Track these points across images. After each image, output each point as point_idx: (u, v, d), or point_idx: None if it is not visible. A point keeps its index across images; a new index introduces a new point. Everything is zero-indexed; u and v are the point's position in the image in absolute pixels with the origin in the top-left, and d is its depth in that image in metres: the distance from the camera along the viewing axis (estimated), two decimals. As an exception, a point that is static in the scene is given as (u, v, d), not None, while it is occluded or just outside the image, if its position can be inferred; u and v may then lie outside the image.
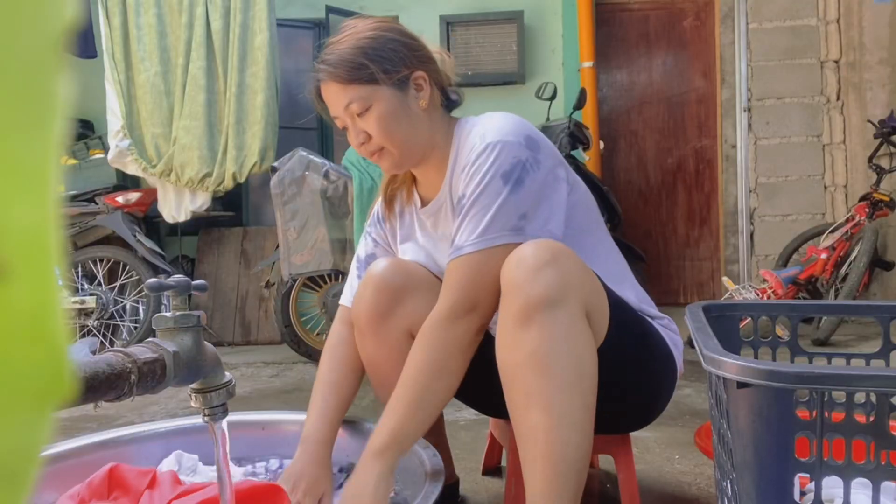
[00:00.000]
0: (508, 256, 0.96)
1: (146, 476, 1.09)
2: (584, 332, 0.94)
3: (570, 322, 0.92)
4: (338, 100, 1.09)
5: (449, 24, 4.31)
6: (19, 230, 0.16)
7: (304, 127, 4.33)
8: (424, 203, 1.22)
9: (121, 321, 3.66)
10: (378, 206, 1.33)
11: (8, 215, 0.16)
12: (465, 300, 1.02)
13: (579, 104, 3.34)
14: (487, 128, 1.08)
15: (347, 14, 4.21)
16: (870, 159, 3.66)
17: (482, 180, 1.03)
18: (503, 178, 1.02)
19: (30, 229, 0.16)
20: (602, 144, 4.02)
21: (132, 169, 3.76)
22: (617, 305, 1.04)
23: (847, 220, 3.59)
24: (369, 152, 1.12)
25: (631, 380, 1.09)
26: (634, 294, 1.16)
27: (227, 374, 0.90)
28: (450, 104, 1.19)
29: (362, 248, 1.34)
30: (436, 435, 1.30)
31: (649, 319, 1.14)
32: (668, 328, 1.17)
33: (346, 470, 1.27)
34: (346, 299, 1.29)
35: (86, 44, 3.69)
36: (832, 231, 3.65)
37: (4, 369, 0.16)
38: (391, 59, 1.08)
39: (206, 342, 0.88)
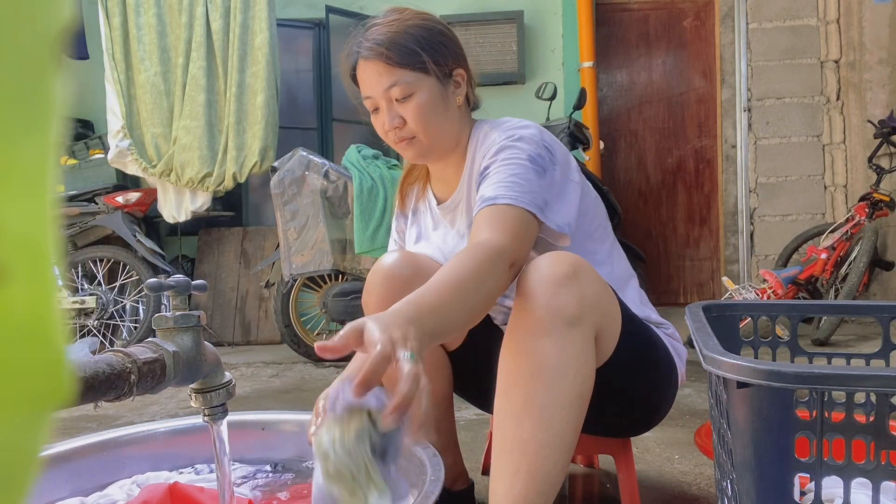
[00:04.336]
0: (526, 266, 0.95)
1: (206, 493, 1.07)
2: (592, 355, 0.94)
3: (583, 343, 0.91)
4: (379, 80, 1.07)
5: (449, 24, 4.30)
6: (17, 232, 0.16)
7: (304, 127, 4.33)
8: (440, 201, 1.23)
9: (121, 321, 3.66)
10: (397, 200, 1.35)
11: (5, 218, 0.16)
12: (513, 250, 0.94)
13: (579, 104, 3.34)
14: (507, 127, 1.10)
15: (347, 14, 4.21)
16: (870, 159, 3.66)
17: (512, 154, 1.04)
18: (530, 161, 1.03)
19: (28, 231, 0.16)
20: (602, 144, 4.02)
21: (132, 169, 3.76)
22: (626, 318, 1.04)
23: (847, 220, 3.59)
24: (399, 138, 1.10)
25: (635, 389, 1.09)
26: (638, 298, 1.16)
27: (227, 374, 0.90)
28: (473, 105, 1.21)
29: (390, 243, 1.37)
30: (445, 438, 1.29)
31: (653, 328, 1.14)
32: (671, 337, 1.17)
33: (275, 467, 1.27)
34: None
35: (77, 45, 3.69)
36: (832, 231, 3.65)
37: (3, 371, 0.16)
38: (442, 52, 1.10)
39: (206, 342, 0.88)
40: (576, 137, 3.27)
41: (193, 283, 0.87)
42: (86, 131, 4.18)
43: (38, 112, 0.16)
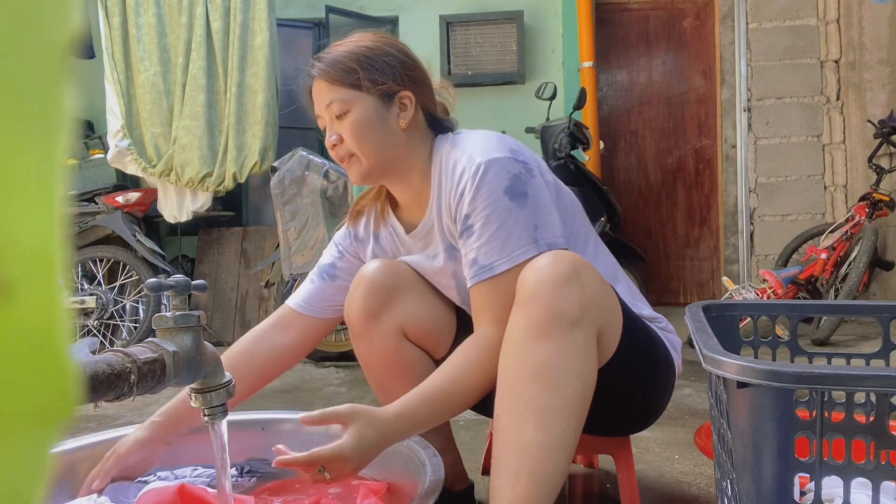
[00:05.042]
0: (526, 266, 0.95)
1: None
2: (594, 354, 0.93)
3: (584, 343, 0.91)
4: (322, 98, 1.10)
5: (449, 24, 4.31)
6: (25, 247, 0.16)
7: (304, 127, 4.33)
8: (409, 227, 1.20)
9: (121, 321, 3.66)
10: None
11: (13, 232, 0.15)
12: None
13: (579, 104, 3.34)
14: (471, 147, 1.06)
15: (347, 14, 4.21)
16: (870, 159, 3.67)
17: (488, 198, 1.02)
18: (508, 194, 1.01)
19: (36, 246, 0.16)
20: (602, 144, 4.02)
21: (132, 169, 3.76)
22: (626, 316, 1.04)
23: (847, 220, 3.59)
24: (339, 156, 1.11)
25: (637, 388, 1.09)
26: (628, 293, 1.16)
27: (226, 374, 0.90)
28: (441, 129, 1.17)
29: (326, 255, 1.30)
30: (444, 438, 1.29)
31: (648, 323, 1.14)
32: (665, 330, 1.17)
33: (250, 471, 1.26)
34: (291, 300, 1.27)
35: (84, 44, 3.70)
36: (832, 231, 3.66)
37: (9, 388, 0.16)
38: (381, 71, 1.08)
39: (205, 342, 0.88)
40: (576, 137, 3.27)
41: (193, 283, 0.88)
42: (85, 131, 4.18)
43: (46, 122, 0.16)
